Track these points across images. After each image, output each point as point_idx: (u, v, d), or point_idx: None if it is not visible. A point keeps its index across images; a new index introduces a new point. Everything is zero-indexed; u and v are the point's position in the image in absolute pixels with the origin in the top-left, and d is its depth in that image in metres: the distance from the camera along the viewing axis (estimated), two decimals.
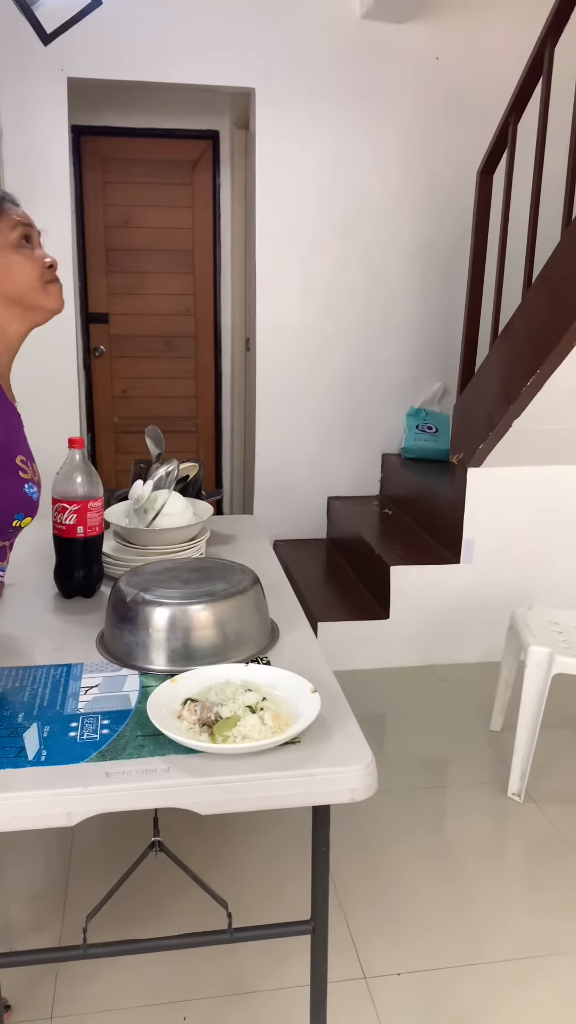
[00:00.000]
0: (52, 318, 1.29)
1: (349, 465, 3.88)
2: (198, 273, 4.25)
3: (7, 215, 1.23)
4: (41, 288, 1.25)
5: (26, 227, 1.24)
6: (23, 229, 1.23)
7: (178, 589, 1.28)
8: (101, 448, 4.36)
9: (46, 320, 1.29)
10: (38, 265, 1.24)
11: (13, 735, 1.04)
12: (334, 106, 3.44)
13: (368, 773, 1.00)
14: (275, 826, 2.06)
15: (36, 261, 1.24)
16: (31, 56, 3.17)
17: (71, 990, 1.57)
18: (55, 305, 1.28)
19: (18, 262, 1.22)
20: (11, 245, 1.21)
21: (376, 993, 1.59)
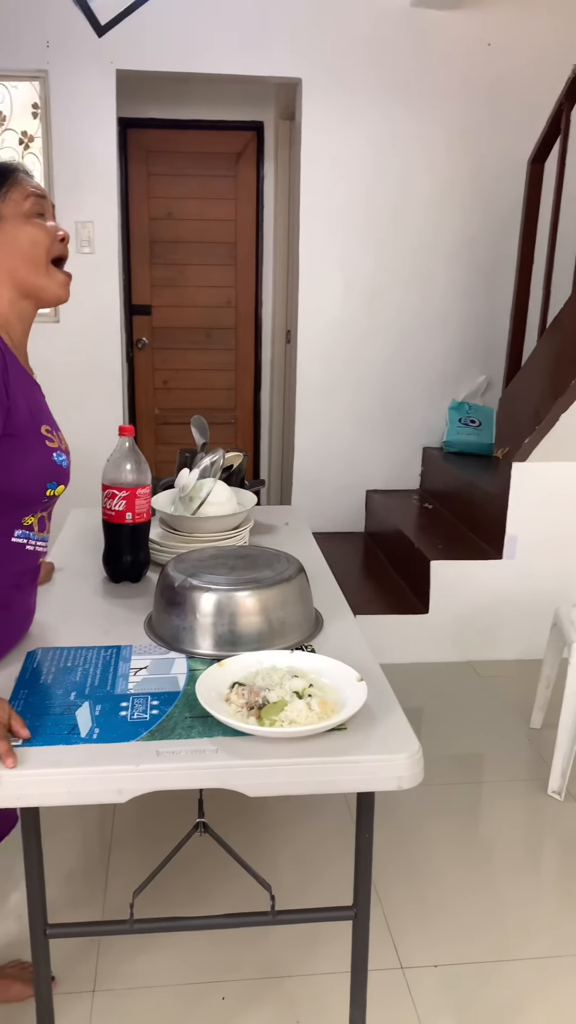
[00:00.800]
0: (58, 304, 1.26)
1: (389, 458, 3.86)
2: (240, 265, 4.26)
3: (20, 185, 1.21)
4: (46, 266, 1.22)
5: (39, 198, 1.22)
6: (36, 200, 1.21)
7: (224, 576, 1.29)
8: (142, 438, 4.41)
9: (52, 305, 1.28)
10: (48, 236, 1.22)
11: (66, 713, 1.07)
12: (381, 96, 3.42)
13: (415, 762, 1.01)
14: (313, 814, 2.08)
15: (48, 232, 1.22)
16: (81, 49, 3.21)
17: (112, 966, 1.61)
18: (62, 293, 1.25)
19: (29, 232, 1.20)
20: (23, 215, 1.20)
21: (413, 984, 1.60)
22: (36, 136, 3.36)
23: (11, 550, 1.20)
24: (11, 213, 1.19)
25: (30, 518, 1.22)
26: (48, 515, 1.28)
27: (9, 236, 1.19)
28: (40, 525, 1.25)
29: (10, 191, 1.19)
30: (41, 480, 1.19)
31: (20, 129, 3.35)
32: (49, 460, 1.20)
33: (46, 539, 1.28)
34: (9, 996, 1.51)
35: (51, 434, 1.23)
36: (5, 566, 1.20)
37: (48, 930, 1.12)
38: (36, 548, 1.25)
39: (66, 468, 1.25)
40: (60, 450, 1.24)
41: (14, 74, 3.27)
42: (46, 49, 3.22)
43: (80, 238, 3.42)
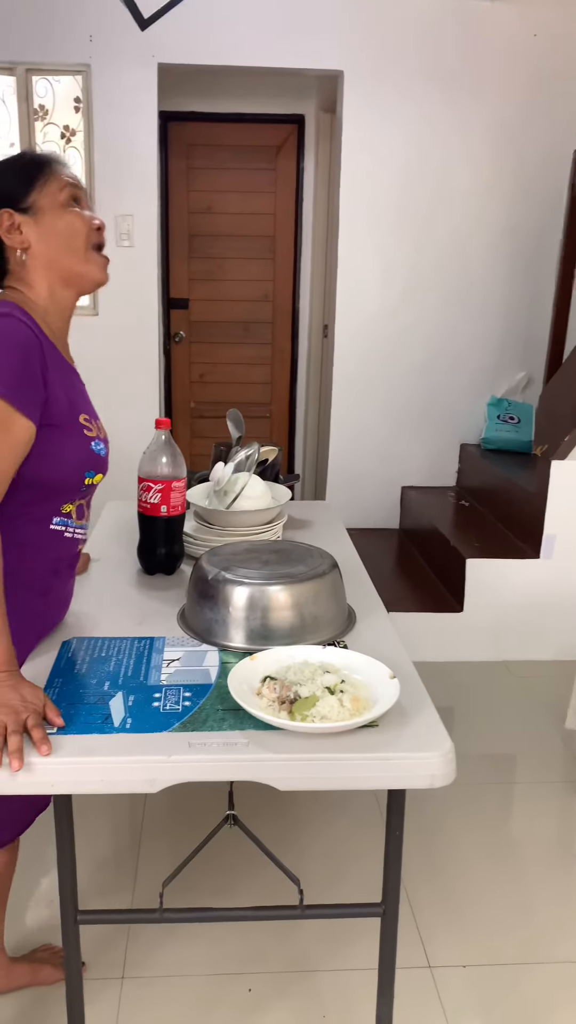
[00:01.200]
0: (98, 288, 1.28)
1: (425, 454, 3.83)
2: (278, 259, 4.25)
3: (56, 176, 1.22)
4: (85, 253, 1.23)
5: (75, 188, 1.23)
6: (72, 190, 1.22)
7: (258, 570, 1.29)
8: (178, 432, 4.43)
9: (92, 290, 1.29)
10: (86, 225, 1.23)
11: (100, 702, 1.08)
12: (423, 87, 3.38)
13: (447, 760, 1.00)
14: (342, 811, 2.07)
15: (85, 221, 1.23)
16: (124, 43, 3.22)
17: (141, 954, 1.62)
18: (97, 274, 1.26)
19: (67, 221, 1.21)
20: (60, 205, 1.21)
21: (441, 983, 1.59)
22: (78, 130, 3.38)
23: (50, 537, 1.21)
24: (48, 204, 1.20)
25: (68, 505, 1.23)
26: (87, 503, 1.29)
27: (47, 227, 1.20)
28: (79, 513, 1.26)
29: (47, 182, 1.20)
30: (79, 469, 1.20)
31: (62, 123, 3.38)
32: (87, 449, 1.21)
33: (85, 527, 1.29)
34: (40, 979, 1.53)
35: (90, 423, 1.24)
36: (43, 552, 1.22)
37: (78, 917, 1.13)
38: (75, 535, 1.26)
39: (104, 457, 1.26)
40: (98, 439, 1.25)
41: (57, 68, 3.30)
42: (89, 43, 3.24)
43: (119, 231, 3.44)
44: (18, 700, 0.99)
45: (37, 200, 1.19)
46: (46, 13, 3.20)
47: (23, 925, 1.70)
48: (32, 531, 1.19)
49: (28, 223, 1.19)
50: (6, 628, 1.04)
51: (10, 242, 1.20)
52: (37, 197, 1.19)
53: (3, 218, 1.18)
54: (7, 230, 1.19)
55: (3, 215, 1.18)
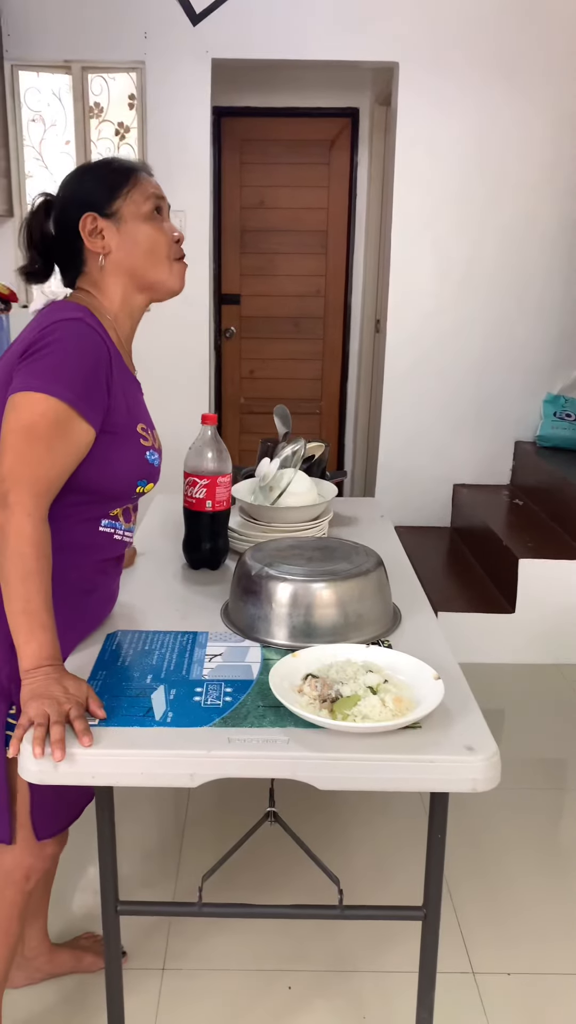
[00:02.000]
0: (171, 298, 1.28)
1: (478, 452, 3.76)
2: (331, 254, 4.23)
3: (142, 185, 1.22)
4: (167, 263, 1.24)
5: (159, 199, 1.24)
6: (155, 200, 1.23)
7: (301, 566, 1.28)
8: (227, 427, 4.45)
9: (166, 298, 1.28)
10: (167, 237, 1.24)
11: (142, 696, 1.08)
12: (481, 79, 3.32)
13: (491, 765, 0.97)
14: (385, 810, 2.05)
15: (165, 234, 1.24)
16: (178, 39, 3.24)
17: (183, 945, 1.63)
18: (177, 285, 1.26)
19: (148, 232, 1.22)
20: (143, 216, 1.21)
21: (484, 990, 1.56)
22: (132, 127, 3.41)
23: (99, 538, 1.23)
24: (131, 213, 1.21)
25: (116, 509, 1.25)
26: (134, 506, 1.30)
27: (128, 235, 1.21)
28: (126, 516, 1.27)
29: (131, 191, 1.21)
30: (133, 477, 1.21)
31: (117, 120, 3.42)
32: (142, 458, 1.22)
33: (132, 529, 1.31)
34: (82, 967, 1.55)
35: (147, 433, 1.25)
36: (92, 553, 1.23)
37: (119, 907, 1.14)
38: (124, 537, 1.27)
39: (157, 467, 1.27)
40: (153, 449, 1.26)
41: (113, 66, 3.33)
42: (144, 40, 3.27)
43: None
44: (61, 692, 1.00)
45: (121, 208, 1.20)
46: (101, 11, 3.23)
47: (68, 912, 1.73)
48: (80, 532, 1.20)
49: (110, 229, 1.20)
50: (52, 623, 1.06)
51: (92, 246, 1.21)
52: (121, 205, 1.20)
53: (87, 221, 1.20)
54: (89, 233, 1.20)
55: (87, 218, 1.20)
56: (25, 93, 3.38)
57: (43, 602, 1.05)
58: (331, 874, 1.22)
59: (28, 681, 1.02)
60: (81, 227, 1.20)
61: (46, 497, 1.09)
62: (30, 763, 0.96)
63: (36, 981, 1.54)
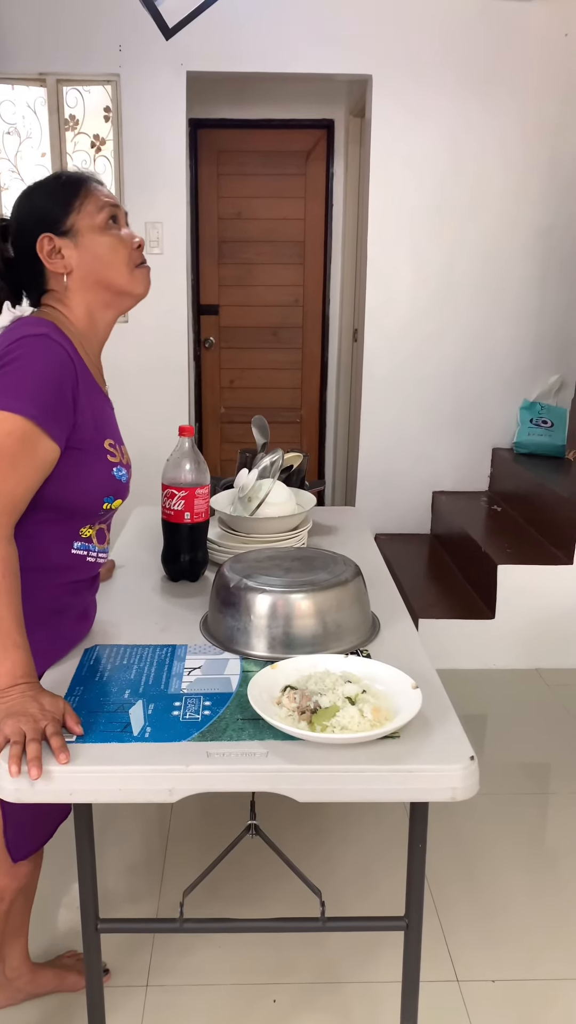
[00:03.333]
0: (138, 304, 1.27)
1: (456, 459, 3.79)
2: (308, 264, 4.25)
3: (93, 195, 1.20)
4: (129, 272, 1.22)
5: (113, 207, 1.21)
6: (110, 210, 1.20)
7: (280, 577, 1.28)
8: (207, 437, 4.45)
9: (132, 306, 1.27)
10: (127, 246, 1.21)
11: (120, 711, 1.08)
12: (454, 90, 3.35)
13: (469, 773, 0.98)
14: (370, 820, 2.05)
15: (125, 242, 1.21)
16: (153, 52, 3.25)
17: (167, 961, 1.62)
18: (142, 290, 1.25)
19: (107, 244, 1.19)
20: (99, 227, 1.19)
21: (469, 998, 1.56)
22: (108, 139, 3.42)
23: (71, 560, 1.21)
24: (86, 227, 1.19)
25: (88, 530, 1.23)
26: (107, 527, 1.29)
27: (88, 249, 1.19)
28: (99, 536, 1.26)
29: (84, 203, 1.19)
30: (100, 493, 1.20)
31: (92, 132, 3.41)
32: (109, 474, 1.20)
33: (106, 550, 1.30)
34: (65, 986, 1.54)
35: (114, 448, 1.23)
36: (64, 574, 1.21)
37: (99, 924, 1.13)
38: (97, 559, 1.26)
39: (125, 483, 1.25)
40: (121, 465, 1.24)
41: (88, 78, 3.33)
42: (118, 53, 3.27)
43: (149, 239, 3.47)
44: (37, 709, 0.99)
45: (76, 222, 1.18)
46: (76, 25, 3.24)
47: (50, 931, 1.71)
48: (51, 553, 1.19)
49: (68, 246, 1.18)
50: (25, 641, 1.05)
51: (52, 267, 1.19)
52: (76, 219, 1.18)
53: (43, 242, 1.18)
54: (48, 254, 1.18)
55: (43, 240, 1.17)
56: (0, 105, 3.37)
57: (13, 621, 1.04)
58: (313, 886, 1.21)
59: (3, 700, 1.01)
60: (39, 249, 1.18)
61: (11, 515, 1.08)
62: (6, 782, 0.95)
63: (17, 1002, 1.52)
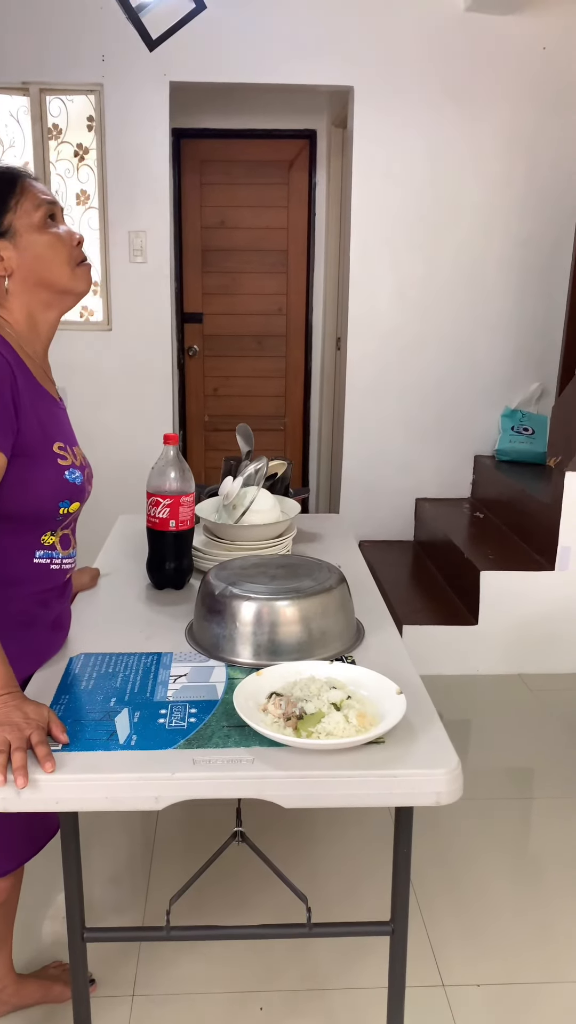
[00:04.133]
0: (80, 301, 1.25)
1: (439, 466, 3.82)
2: (292, 272, 4.27)
3: (29, 193, 1.16)
4: (71, 270, 1.19)
5: (50, 205, 1.18)
6: (47, 207, 1.17)
7: (265, 584, 1.29)
8: (192, 445, 4.45)
9: (74, 304, 1.25)
10: (67, 245, 1.18)
11: (105, 719, 1.08)
12: (434, 102, 3.39)
13: (454, 778, 0.99)
14: (356, 826, 2.06)
15: (64, 241, 1.18)
16: (136, 62, 3.26)
17: (152, 971, 1.61)
18: (84, 287, 1.22)
19: (46, 243, 1.16)
20: (36, 226, 1.16)
21: (455, 1002, 1.56)
22: (91, 148, 3.42)
23: (34, 570, 1.19)
24: (24, 226, 1.15)
25: (50, 537, 1.20)
26: (71, 531, 1.26)
27: (27, 250, 1.15)
28: (63, 543, 1.23)
29: (20, 201, 1.15)
30: (53, 499, 1.17)
31: (75, 142, 3.42)
32: (60, 478, 1.17)
33: (73, 555, 1.27)
34: (50, 997, 1.53)
35: (64, 451, 1.20)
36: (27, 585, 1.19)
37: (85, 934, 1.13)
38: (62, 566, 1.23)
39: (80, 485, 1.22)
40: (74, 467, 1.20)
41: (71, 88, 3.34)
42: (101, 63, 3.29)
43: (132, 248, 3.47)
44: (21, 717, 0.99)
45: (13, 222, 1.14)
46: (59, 34, 3.25)
47: (35, 941, 1.70)
48: (13, 565, 1.16)
49: (6, 247, 1.15)
50: (2, 654, 1.04)
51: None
52: (12, 219, 1.14)
53: None
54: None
55: None
56: None
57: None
58: (299, 892, 1.22)
59: None
60: None
61: None
62: None
63: (2, 1014, 1.50)
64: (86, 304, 3.59)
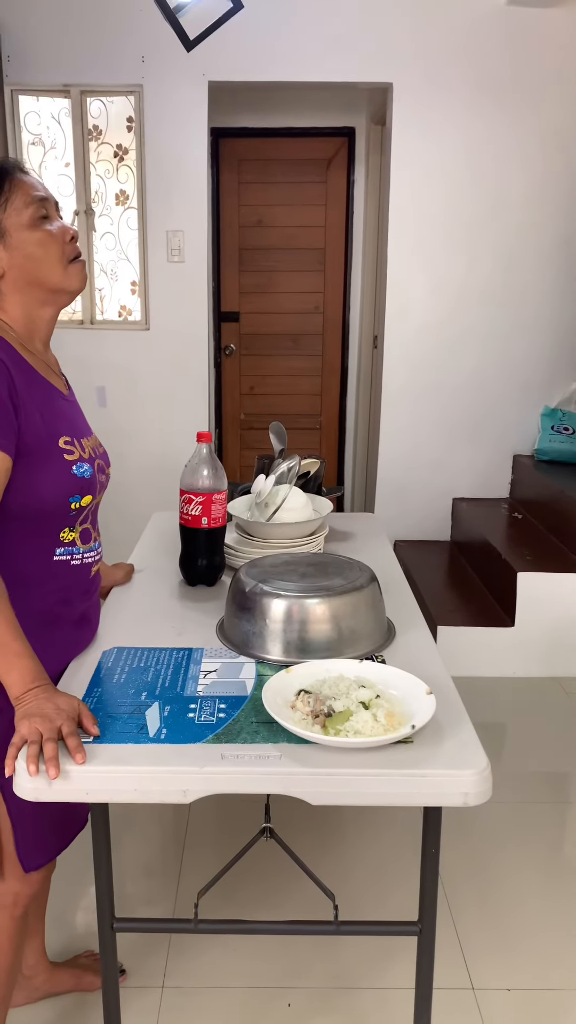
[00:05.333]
0: (75, 299, 1.23)
1: (477, 466, 3.78)
2: (329, 271, 4.27)
3: (21, 189, 1.13)
4: (63, 269, 1.16)
5: (42, 200, 1.14)
6: (39, 204, 1.14)
7: (295, 582, 1.29)
8: (227, 443, 4.47)
9: (71, 301, 1.23)
10: (58, 242, 1.15)
11: (136, 712, 1.09)
12: (474, 98, 3.36)
13: (483, 779, 0.98)
14: (385, 825, 2.05)
15: (56, 238, 1.15)
16: (174, 62, 3.29)
17: (182, 963, 1.63)
18: (76, 285, 1.19)
19: (37, 241, 1.13)
20: (28, 223, 1.13)
21: (484, 1006, 1.55)
22: (130, 149, 3.46)
23: (54, 569, 1.18)
24: (14, 224, 1.12)
25: (69, 533, 1.18)
26: (92, 525, 1.24)
27: (18, 249, 1.12)
28: (84, 537, 1.21)
29: (11, 198, 1.12)
30: (61, 495, 1.15)
31: (115, 142, 3.46)
32: (68, 473, 1.15)
33: (95, 547, 1.25)
34: (82, 985, 1.55)
35: (71, 445, 1.17)
36: (47, 584, 1.18)
37: (115, 924, 1.14)
38: (83, 561, 1.22)
39: (90, 478, 1.19)
40: (82, 460, 1.18)
41: (112, 89, 3.38)
42: (141, 64, 3.32)
43: (171, 247, 3.50)
44: (52, 709, 1.01)
45: (3, 220, 1.12)
46: (99, 36, 3.29)
47: (68, 930, 1.72)
48: (34, 565, 1.16)
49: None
50: (27, 648, 1.05)
51: None
52: (2, 217, 1.12)
53: None
54: None
55: None
56: (25, 117, 3.43)
57: (9, 632, 1.04)
58: (327, 890, 1.22)
59: (19, 705, 1.03)
60: None
61: None
62: (25, 781, 0.97)
63: (35, 1000, 1.53)
64: (124, 304, 3.63)
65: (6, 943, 1.25)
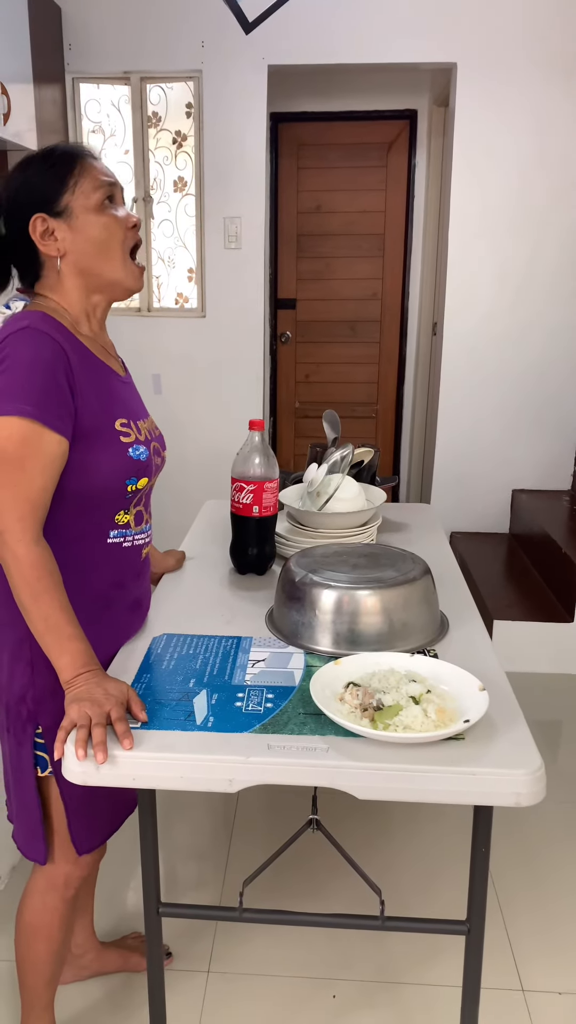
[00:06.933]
0: (130, 296, 1.22)
1: (538, 457, 3.68)
2: (388, 257, 4.20)
3: (90, 173, 1.13)
4: (122, 258, 1.15)
5: (110, 185, 1.14)
6: (107, 188, 1.13)
7: (346, 573, 1.27)
8: (281, 431, 4.46)
9: (125, 298, 1.21)
10: (122, 227, 1.15)
11: (184, 700, 1.09)
12: (540, 78, 3.25)
13: (536, 779, 0.95)
14: (434, 821, 2.02)
15: (119, 223, 1.14)
16: (234, 48, 3.27)
17: (228, 949, 1.64)
18: (135, 285, 1.18)
19: (103, 224, 1.13)
20: (94, 207, 1.12)
21: (534, 1008, 1.52)
22: (189, 135, 3.46)
23: (109, 551, 1.18)
24: (81, 206, 1.12)
25: (124, 515, 1.19)
26: (145, 507, 1.24)
27: (82, 232, 1.12)
28: (137, 519, 1.22)
29: (80, 181, 1.12)
30: (119, 477, 1.14)
31: (174, 129, 3.46)
32: (124, 456, 1.15)
33: (146, 529, 1.25)
34: (129, 965, 1.57)
35: (128, 427, 1.17)
36: (102, 567, 1.18)
37: (160, 909, 1.15)
38: (135, 543, 1.22)
39: (146, 461, 1.18)
40: (138, 443, 1.17)
41: (171, 75, 3.38)
42: (200, 49, 3.31)
43: (228, 234, 3.49)
44: (101, 693, 1.01)
45: (71, 202, 1.12)
46: (159, 22, 3.29)
47: (117, 911, 1.75)
48: (88, 548, 1.16)
49: (62, 228, 1.12)
50: (79, 632, 1.06)
51: (45, 249, 1.13)
52: (70, 199, 1.11)
53: (36, 224, 1.11)
54: (41, 236, 1.12)
55: (36, 220, 1.11)
56: (86, 104, 3.46)
57: (63, 616, 1.05)
58: (373, 884, 1.20)
59: (69, 689, 1.03)
60: (32, 230, 1.12)
61: (32, 518, 1.05)
62: (73, 764, 0.97)
63: (83, 978, 1.56)
64: (181, 291, 3.65)
65: (57, 923, 1.27)
